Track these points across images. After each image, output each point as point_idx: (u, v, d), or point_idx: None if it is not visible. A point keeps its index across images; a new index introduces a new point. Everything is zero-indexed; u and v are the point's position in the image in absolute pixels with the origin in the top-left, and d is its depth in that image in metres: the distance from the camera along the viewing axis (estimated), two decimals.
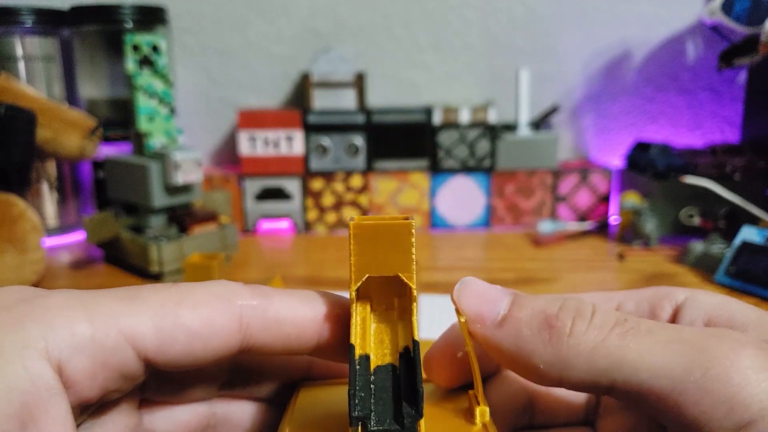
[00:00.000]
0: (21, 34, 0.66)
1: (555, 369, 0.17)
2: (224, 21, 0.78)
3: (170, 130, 0.58)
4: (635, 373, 0.16)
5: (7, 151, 0.56)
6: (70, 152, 0.62)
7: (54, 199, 0.69)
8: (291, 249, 0.68)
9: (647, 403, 0.16)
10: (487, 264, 0.61)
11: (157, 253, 0.54)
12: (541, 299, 0.18)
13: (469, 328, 0.19)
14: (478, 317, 0.18)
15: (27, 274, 0.53)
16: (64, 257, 0.64)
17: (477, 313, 0.18)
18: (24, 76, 0.66)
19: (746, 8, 0.67)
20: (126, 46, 0.54)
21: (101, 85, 0.70)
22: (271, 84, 0.81)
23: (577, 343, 0.17)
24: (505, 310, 0.18)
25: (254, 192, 0.72)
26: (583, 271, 0.58)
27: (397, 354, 0.19)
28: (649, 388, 0.16)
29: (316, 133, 0.71)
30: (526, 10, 0.79)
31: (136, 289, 0.19)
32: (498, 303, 0.18)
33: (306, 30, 0.79)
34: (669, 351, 0.16)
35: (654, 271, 0.57)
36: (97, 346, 0.17)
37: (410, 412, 0.17)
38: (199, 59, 0.79)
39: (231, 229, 0.60)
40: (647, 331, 0.17)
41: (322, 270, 0.60)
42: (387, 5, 0.79)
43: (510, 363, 0.18)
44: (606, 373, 0.17)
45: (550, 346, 0.17)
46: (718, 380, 0.15)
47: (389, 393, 0.18)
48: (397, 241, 0.19)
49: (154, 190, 0.55)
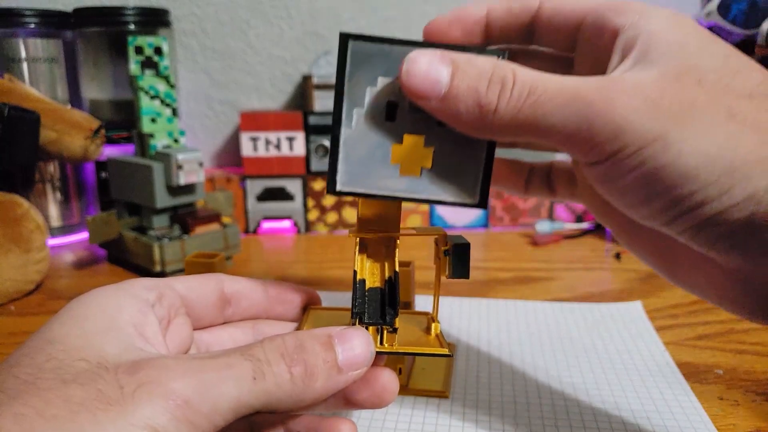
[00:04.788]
0: (25, 36, 0.66)
1: (485, 133, 0.23)
2: (226, 23, 0.79)
3: (173, 131, 0.59)
4: (541, 132, 0.22)
5: (11, 151, 0.57)
6: (74, 153, 0.62)
7: (57, 199, 0.70)
8: (292, 249, 0.68)
9: (558, 147, 0.23)
10: (486, 264, 0.62)
11: (160, 252, 0.55)
12: (474, 70, 0.22)
13: (415, 102, 0.23)
14: (425, 95, 0.22)
15: (31, 273, 0.53)
16: (67, 257, 0.65)
17: (423, 92, 0.22)
18: (28, 77, 0.67)
19: (743, 10, 0.68)
20: (129, 48, 0.55)
21: (104, 86, 0.71)
22: (272, 86, 0.81)
23: (500, 117, 0.22)
24: (445, 87, 0.22)
25: (256, 192, 0.73)
26: (580, 271, 0.59)
27: (384, 281, 0.27)
28: (551, 139, 0.22)
29: (317, 134, 0.71)
30: None
31: None
32: (439, 80, 0.22)
33: (307, 32, 0.80)
34: (565, 112, 0.21)
35: (650, 271, 0.58)
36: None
37: (391, 312, 0.26)
38: (202, 61, 0.80)
39: (233, 229, 0.60)
40: (551, 96, 0.22)
41: (322, 270, 0.60)
42: (387, 8, 0.79)
43: (452, 122, 0.23)
44: (521, 134, 0.22)
45: (481, 120, 0.22)
46: (601, 127, 0.21)
47: (378, 303, 0.26)
48: (388, 212, 0.28)
49: (157, 190, 0.55)
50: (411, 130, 0.24)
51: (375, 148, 0.24)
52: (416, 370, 0.39)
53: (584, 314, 0.48)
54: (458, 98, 0.22)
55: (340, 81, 0.24)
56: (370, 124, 0.24)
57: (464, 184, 0.25)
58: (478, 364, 0.40)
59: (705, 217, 0.21)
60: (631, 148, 0.21)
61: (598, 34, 0.25)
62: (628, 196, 0.23)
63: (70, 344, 0.21)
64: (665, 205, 0.22)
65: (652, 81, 0.21)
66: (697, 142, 0.20)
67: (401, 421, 0.34)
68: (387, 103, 0.24)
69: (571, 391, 0.37)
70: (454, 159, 0.25)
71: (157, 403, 0.19)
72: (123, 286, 0.25)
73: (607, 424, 0.34)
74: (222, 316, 0.29)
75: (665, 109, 0.21)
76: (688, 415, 0.34)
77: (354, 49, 0.24)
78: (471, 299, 0.51)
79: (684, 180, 0.21)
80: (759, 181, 0.20)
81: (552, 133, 0.22)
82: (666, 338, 0.44)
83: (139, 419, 0.19)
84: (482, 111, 0.22)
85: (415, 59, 0.23)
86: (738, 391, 0.37)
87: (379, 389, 0.25)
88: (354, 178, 0.25)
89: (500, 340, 0.44)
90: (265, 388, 0.21)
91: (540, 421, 0.34)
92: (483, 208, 0.26)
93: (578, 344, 0.43)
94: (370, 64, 0.24)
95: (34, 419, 0.18)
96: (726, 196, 0.20)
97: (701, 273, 0.25)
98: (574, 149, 0.22)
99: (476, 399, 0.36)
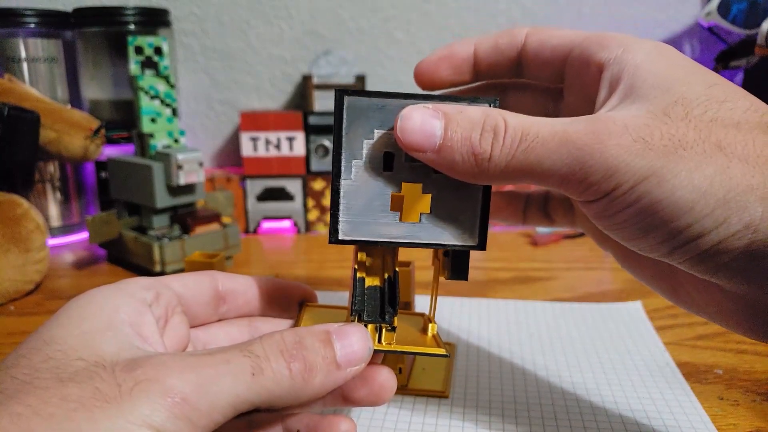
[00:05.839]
0: (25, 36, 0.66)
1: (482, 180, 0.24)
2: (226, 23, 0.79)
3: (173, 131, 0.59)
4: (536, 176, 0.23)
5: (11, 151, 0.57)
6: (74, 153, 0.62)
7: (57, 199, 0.70)
8: (292, 249, 0.68)
9: (553, 188, 0.24)
10: (485, 264, 0.62)
11: (160, 252, 0.55)
12: (466, 121, 0.23)
13: (412, 155, 0.24)
14: (421, 149, 0.23)
15: (30, 273, 0.53)
16: (67, 257, 0.65)
17: (419, 146, 0.23)
18: (27, 77, 0.67)
19: (743, 10, 0.68)
20: (129, 48, 0.55)
21: (104, 86, 0.71)
22: (272, 86, 0.81)
23: (495, 164, 0.23)
24: (439, 139, 0.23)
25: (256, 192, 0.73)
26: (580, 271, 0.59)
27: (384, 279, 0.27)
28: (546, 182, 0.23)
29: (317, 134, 0.71)
30: (524, 14, 0.79)
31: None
32: (433, 134, 0.23)
33: (307, 32, 0.80)
34: (558, 155, 0.22)
35: None
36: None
37: (390, 310, 0.26)
38: (202, 61, 0.80)
39: (233, 229, 0.60)
40: (543, 141, 0.22)
41: (322, 270, 0.60)
42: (387, 8, 0.79)
43: (449, 172, 0.24)
44: (517, 178, 0.23)
45: (476, 168, 0.23)
46: (594, 168, 0.22)
47: (377, 301, 0.27)
48: None
49: (157, 190, 0.55)
50: (408, 178, 0.25)
51: (374, 197, 0.25)
52: (416, 370, 0.39)
53: (584, 314, 0.48)
54: (453, 149, 0.23)
55: (338, 135, 0.24)
56: (368, 174, 0.25)
57: (463, 226, 0.26)
58: (478, 364, 0.40)
59: (704, 248, 0.21)
60: (626, 186, 0.21)
61: (585, 68, 0.26)
62: (626, 231, 0.23)
63: (67, 344, 0.21)
64: (663, 238, 0.22)
65: (641, 119, 0.22)
66: (690, 176, 0.21)
67: (401, 421, 0.34)
68: (384, 154, 0.25)
69: (571, 391, 0.37)
70: (452, 203, 0.26)
71: (155, 401, 0.19)
72: (120, 286, 0.25)
73: (607, 423, 0.34)
74: (217, 313, 0.29)
75: (656, 147, 0.21)
76: (688, 415, 0.34)
77: (349, 104, 0.24)
78: (471, 299, 0.51)
79: (680, 213, 0.21)
80: (754, 211, 0.21)
81: (546, 176, 0.23)
82: (666, 338, 0.44)
83: (137, 417, 0.19)
84: (477, 159, 0.23)
85: (408, 115, 0.23)
86: (738, 391, 0.37)
87: (377, 387, 0.26)
88: (355, 227, 0.25)
89: (500, 340, 0.44)
90: (263, 384, 0.21)
91: (540, 421, 0.34)
92: (483, 250, 0.26)
93: (578, 344, 0.43)
94: (366, 117, 0.25)
95: (31, 418, 0.18)
96: (723, 227, 0.21)
97: (704, 296, 0.26)
98: (570, 190, 0.23)
99: (476, 399, 0.36)
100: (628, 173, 0.21)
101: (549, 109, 0.31)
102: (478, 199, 0.26)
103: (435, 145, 0.23)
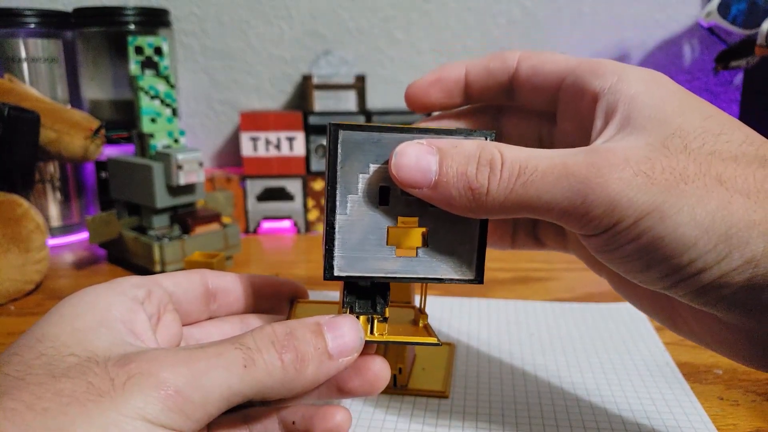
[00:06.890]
0: (25, 36, 0.66)
1: (479, 214, 0.23)
2: (226, 23, 0.79)
3: (173, 131, 0.59)
4: (535, 210, 0.22)
5: (11, 151, 0.57)
6: (74, 153, 0.62)
7: (57, 199, 0.70)
8: (292, 249, 0.69)
9: (554, 222, 0.23)
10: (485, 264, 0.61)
11: (160, 252, 0.55)
12: (462, 156, 0.23)
13: (407, 191, 0.24)
14: (416, 185, 0.23)
15: (30, 273, 0.53)
16: (67, 257, 0.65)
17: (414, 182, 0.23)
18: (28, 77, 0.67)
19: (742, 11, 0.68)
20: (129, 48, 0.55)
21: (104, 86, 0.71)
22: (272, 86, 0.81)
23: (492, 198, 0.23)
24: (435, 174, 0.23)
25: (256, 192, 0.73)
26: (580, 271, 0.59)
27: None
28: (546, 216, 0.23)
29: (317, 134, 0.71)
30: (524, 14, 0.79)
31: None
32: (429, 170, 0.23)
33: (307, 32, 0.80)
34: (558, 189, 0.22)
35: None
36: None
37: (381, 301, 0.26)
38: (202, 61, 0.80)
39: (233, 229, 0.60)
40: (541, 174, 0.22)
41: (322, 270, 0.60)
42: (387, 8, 0.79)
43: (446, 207, 0.24)
44: (516, 212, 0.23)
45: (474, 202, 0.23)
46: (596, 202, 0.21)
47: (368, 292, 0.26)
48: None
49: (157, 190, 0.55)
50: (405, 212, 0.25)
51: (370, 232, 0.25)
52: (416, 370, 0.39)
53: (584, 314, 0.48)
54: (449, 184, 0.23)
55: (333, 169, 0.24)
56: (364, 209, 0.25)
57: (460, 260, 0.26)
58: (478, 364, 0.40)
59: (704, 283, 0.21)
60: (628, 221, 0.21)
61: (579, 96, 0.26)
62: (627, 265, 0.23)
63: (60, 341, 0.21)
64: (665, 272, 0.22)
65: (640, 151, 0.22)
66: (692, 211, 0.21)
67: (401, 421, 0.34)
68: (380, 188, 0.25)
69: (571, 391, 0.37)
70: (449, 237, 0.25)
71: (149, 394, 0.19)
72: (111, 284, 0.25)
73: (607, 424, 0.34)
74: (208, 310, 0.29)
75: (658, 181, 0.21)
76: (688, 415, 0.34)
77: (344, 138, 0.24)
78: (470, 299, 0.51)
79: (683, 250, 0.21)
80: (756, 246, 0.20)
81: (546, 210, 0.22)
82: (666, 338, 0.44)
83: (131, 410, 0.19)
84: (474, 194, 0.23)
85: (403, 152, 0.23)
86: (738, 391, 0.37)
87: (371, 377, 0.26)
88: (351, 263, 0.25)
89: (500, 341, 0.44)
90: (256, 375, 0.21)
91: (540, 421, 0.34)
92: (480, 283, 0.26)
93: (578, 344, 0.43)
94: (361, 151, 0.24)
95: (24, 413, 0.18)
96: (725, 261, 0.21)
97: (702, 326, 0.25)
98: (570, 224, 0.23)
99: (476, 399, 0.36)
100: (630, 208, 0.21)
101: (543, 132, 0.31)
102: (475, 232, 0.25)
103: (431, 181, 0.23)
